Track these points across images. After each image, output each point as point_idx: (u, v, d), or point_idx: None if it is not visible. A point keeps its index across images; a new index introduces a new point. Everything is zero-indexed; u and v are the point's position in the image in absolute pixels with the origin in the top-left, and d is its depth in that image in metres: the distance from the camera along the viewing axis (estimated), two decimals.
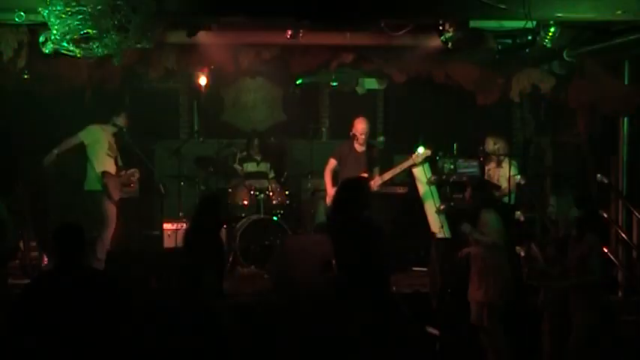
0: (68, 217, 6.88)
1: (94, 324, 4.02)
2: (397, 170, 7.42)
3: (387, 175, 7.37)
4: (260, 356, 5.29)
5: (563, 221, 5.51)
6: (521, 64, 7.53)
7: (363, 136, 7.38)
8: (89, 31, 4.93)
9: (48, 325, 3.97)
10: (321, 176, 7.69)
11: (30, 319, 4.01)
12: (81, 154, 7.30)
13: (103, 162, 7.25)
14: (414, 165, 7.46)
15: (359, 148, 7.42)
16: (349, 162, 7.39)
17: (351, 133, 7.39)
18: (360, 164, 7.36)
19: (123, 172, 7.46)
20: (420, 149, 7.29)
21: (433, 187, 7.42)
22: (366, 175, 7.32)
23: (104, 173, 7.22)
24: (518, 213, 6.76)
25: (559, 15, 5.56)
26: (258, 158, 8.29)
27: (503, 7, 5.34)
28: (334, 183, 7.41)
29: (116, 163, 7.37)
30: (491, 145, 7.63)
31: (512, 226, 6.97)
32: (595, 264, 5.02)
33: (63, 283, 4.09)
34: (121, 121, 7.45)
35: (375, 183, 7.33)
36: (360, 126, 7.40)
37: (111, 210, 7.19)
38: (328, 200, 7.49)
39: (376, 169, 7.44)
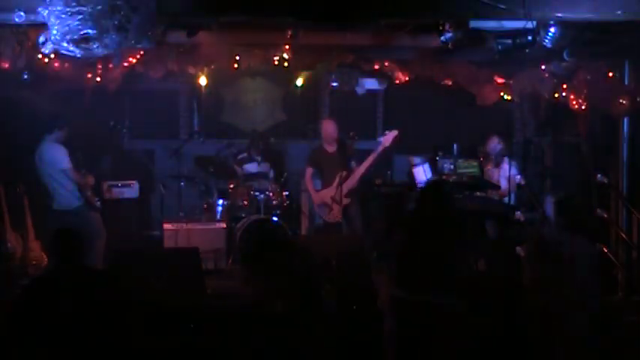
0: (67, 217, 6.94)
1: (95, 323, 4.02)
2: (372, 158, 7.43)
3: (365, 165, 7.41)
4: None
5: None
6: (521, 64, 7.53)
7: (332, 137, 7.50)
8: (89, 31, 4.93)
9: (49, 325, 3.97)
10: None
11: (31, 318, 4.01)
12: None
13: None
14: (414, 165, 7.49)
15: (330, 149, 7.54)
16: (325, 164, 7.55)
17: (321, 136, 7.53)
18: (336, 163, 7.44)
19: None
20: (387, 132, 7.38)
21: None
22: (345, 172, 7.38)
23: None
24: (518, 213, 6.77)
25: (559, 15, 5.55)
26: (259, 159, 8.28)
27: (503, 7, 5.34)
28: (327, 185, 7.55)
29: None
30: (495, 143, 7.63)
31: (512, 226, 6.99)
32: (581, 269, 4.97)
33: (64, 282, 4.09)
34: (60, 135, 6.95)
35: (355, 176, 7.39)
36: (328, 128, 7.57)
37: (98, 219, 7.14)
38: (315, 205, 7.71)
39: (353, 164, 7.50)
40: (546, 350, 5.06)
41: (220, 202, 8.00)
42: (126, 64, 7.14)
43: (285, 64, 7.62)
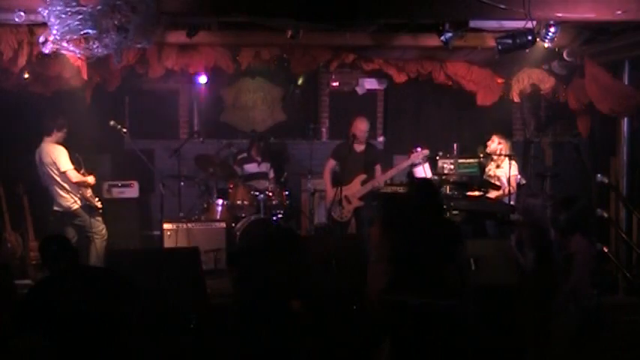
0: (68, 218, 6.95)
1: (101, 322, 4.01)
2: (396, 170, 7.44)
3: (387, 175, 7.38)
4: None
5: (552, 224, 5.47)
6: (521, 64, 7.53)
7: (364, 136, 7.41)
8: (89, 31, 4.93)
9: (55, 325, 3.96)
10: (321, 176, 7.74)
11: (37, 318, 4.00)
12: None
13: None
14: (414, 164, 7.48)
15: (358, 147, 7.44)
16: (348, 162, 7.40)
17: (351, 133, 7.41)
18: (360, 164, 7.38)
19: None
20: (419, 148, 7.31)
21: None
22: (364, 175, 7.34)
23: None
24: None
25: (559, 15, 5.55)
26: (259, 159, 8.29)
27: (503, 7, 5.34)
28: (333, 183, 7.46)
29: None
30: (496, 143, 7.63)
31: (512, 226, 6.99)
32: (578, 266, 4.95)
33: (72, 282, 4.08)
34: (59, 136, 6.95)
35: (374, 182, 7.35)
36: (362, 125, 7.42)
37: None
38: (328, 201, 7.53)
39: (377, 168, 7.46)
40: (542, 349, 5.06)
41: (220, 202, 8.00)
42: (126, 64, 7.14)
43: (285, 64, 7.64)
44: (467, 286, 4.88)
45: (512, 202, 7.20)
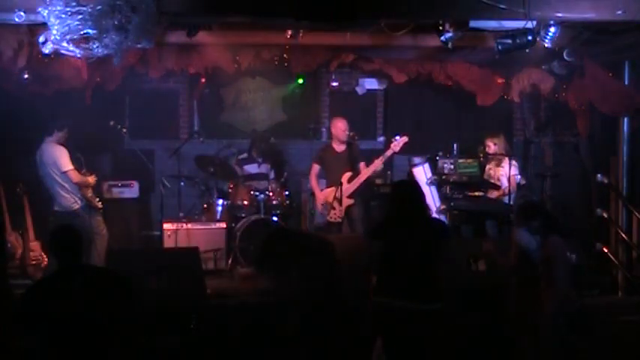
0: (68, 219, 6.94)
1: (106, 322, 4.01)
2: (380, 162, 7.43)
3: (372, 168, 7.40)
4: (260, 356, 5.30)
5: None
6: (521, 64, 7.54)
7: (344, 135, 7.46)
8: (89, 31, 4.93)
9: (56, 324, 3.95)
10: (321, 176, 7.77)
11: (38, 318, 3.99)
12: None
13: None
14: (416, 165, 7.50)
15: (338, 147, 7.53)
16: (331, 163, 7.52)
17: (332, 134, 7.54)
18: (342, 163, 7.44)
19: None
20: (397, 137, 7.31)
21: (433, 187, 7.43)
22: (350, 172, 7.38)
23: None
24: None
25: (559, 15, 5.56)
26: (260, 160, 8.29)
27: (503, 7, 5.34)
28: (331, 184, 7.51)
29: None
30: (491, 147, 7.64)
31: (512, 226, 6.99)
32: (559, 269, 4.95)
33: (71, 282, 4.07)
34: (60, 136, 6.94)
35: (361, 178, 7.38)
36: (340, 124, 7.52)
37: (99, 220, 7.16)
38: (318, 204, 7.63)
39: (360, 165, 7.50)
40: (528, 351, 5.06)
41: (220, 202, 8.00)
42: (126, 64, 7.14)
43: (285, 64, 7.64)
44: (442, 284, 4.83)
45: (512, 202, 7.21)
